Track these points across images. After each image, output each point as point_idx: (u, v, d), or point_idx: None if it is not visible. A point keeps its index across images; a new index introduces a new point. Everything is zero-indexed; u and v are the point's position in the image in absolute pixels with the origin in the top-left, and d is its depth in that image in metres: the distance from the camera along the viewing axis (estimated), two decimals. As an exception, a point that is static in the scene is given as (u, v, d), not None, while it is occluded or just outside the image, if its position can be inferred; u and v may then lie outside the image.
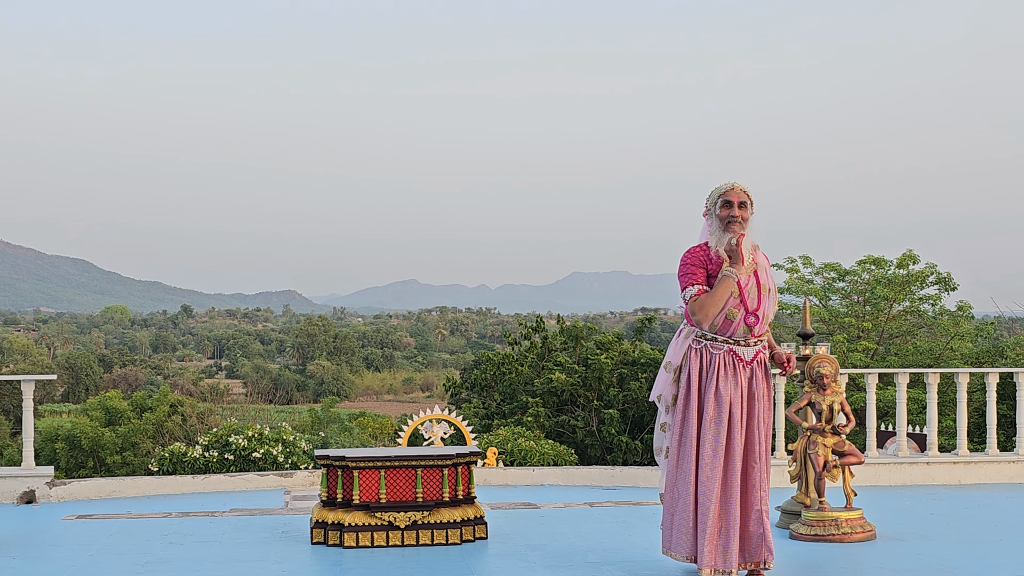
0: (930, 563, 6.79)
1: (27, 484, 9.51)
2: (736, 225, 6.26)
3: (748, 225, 6.34)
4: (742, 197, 6.31)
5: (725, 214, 6.28)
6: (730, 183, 6.34)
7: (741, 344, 6.25)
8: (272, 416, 39.15)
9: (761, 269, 6.32)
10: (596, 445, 28.10)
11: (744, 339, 6.25)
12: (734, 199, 6.29)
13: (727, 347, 6.25)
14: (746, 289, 6.22)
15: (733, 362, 6.25)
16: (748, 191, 6.36)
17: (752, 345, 6.28)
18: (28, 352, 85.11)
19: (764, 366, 6.36)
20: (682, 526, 6.24)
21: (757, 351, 6.31)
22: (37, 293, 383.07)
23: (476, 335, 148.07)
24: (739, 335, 6.24)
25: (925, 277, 26.44)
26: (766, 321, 6.31)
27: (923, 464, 10.64)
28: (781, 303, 27.58)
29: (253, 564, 6.72)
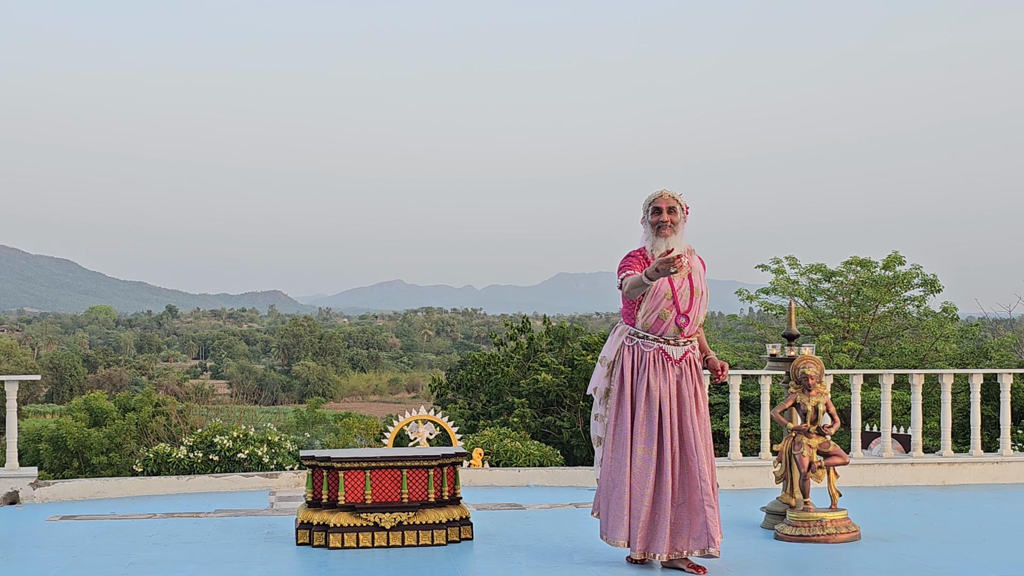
0: (914, 563, 6.81)
1: (11, 485, 9.47)
2: (666, 230, 6.59)
3: (679, 228, 6.64)
4: (670, 203, 6.62)
5: (655, 220, 6.62)
6: (659, 190, 6.67)
7: (671, 343, 6.59)
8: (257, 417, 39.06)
9: (695, 272, 6.63)
10: (582, 446, 28.12)
11: (674, 339, 6.59)
12: (663, 205, 6.62)
13: (657, 345, 6.59)
14: (679, 291, 6.56)
15: (662, 360, 6.59)
16: (678, 196, 6.66)
17: (681, 345, 6.62)
18: (12, 352, 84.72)
19: (694, 365, 6.68)
20: (617, 513, 6.52)
21: (686, 351, 6.64)
22: (21, 293, 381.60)
23: (462, 336, 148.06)
24: (669, 334, 6.58)
25: (911, 279, 26.51)
26: (696, 323, 6.65)
27: (908, 465, 10.67)
28: (768, 304, 27.64)
29: (238, 565, 6.71)
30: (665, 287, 6.52)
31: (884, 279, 26.42)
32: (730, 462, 10.41)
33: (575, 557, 6.93)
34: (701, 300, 6.64)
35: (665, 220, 6.58)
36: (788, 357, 8.23)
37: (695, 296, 6.59)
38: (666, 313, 6.53)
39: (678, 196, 6.65)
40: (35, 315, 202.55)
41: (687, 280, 6.57)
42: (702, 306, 6.67)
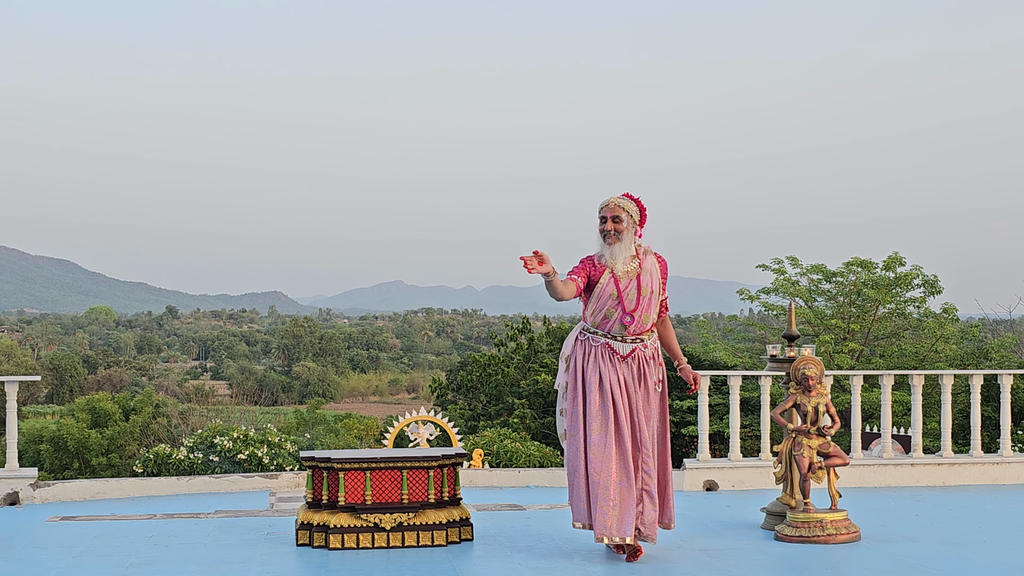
0: (915, 564, 6.80)
1: (10, 485, 9.47)
2: (610, 238, 6.92)
3: (624, 236, 6.92)
4: (615, 212, 6.93)
5: (601, 228, 6.96)
6: (608, 199, 6.99)
7: (617, 340, 6.92)
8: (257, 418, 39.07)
9: (646, 273, 6.96)
10: (582, 447, 28.09)
11: (620, 336, 6.92)
12: (607, 214, 6.94)
13: (604, 341, 6.94)
14: (625, 292, 6.89)
15: (609, 354, 6.91)
16: (624, 205, 6.95)
17: (629, 342, 6.92)
18: (12, 353, 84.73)
19: (645, 363, 6.97)
20: (578, 498, 6.88)
21: (634, 348, 6.93)
22: (21, 294, 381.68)
23: (462, 336, 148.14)
24: (615, 332, 6.92)
25: (911, 279, 26.51)
26: (645, 322, 6.94)
27: (908, 466, 10.67)
28: (768, 304, 27.62)
29: (238, 566, 6.71)
30: (611, 288, 6.88)
31: (884, 280, 26.42)
32: (730, 463, 10.41)
33: (575, 558, 6.93)
34: (649, 300, 6.94)
35: (608, 229, 6.93)
36: (788, 358, 8.23)
37: (642, 295, 6.90)
38: (611, 312, 6.90)
39: (626, 204, 6.95)
40: (35, 316, 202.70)
41: (635, 281, 6.90)
42: (651, 305, 6.96)
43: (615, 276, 6.90)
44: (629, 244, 6.95)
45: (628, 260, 6.93)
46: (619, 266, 6.90)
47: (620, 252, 6.91)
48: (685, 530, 7.99)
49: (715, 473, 10.34)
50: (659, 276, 7.03)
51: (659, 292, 7.02)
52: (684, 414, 27.82)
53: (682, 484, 10.27)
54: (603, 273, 6.92)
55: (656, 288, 6.98)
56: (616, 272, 6.90)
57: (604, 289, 6.89)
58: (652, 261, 7.03)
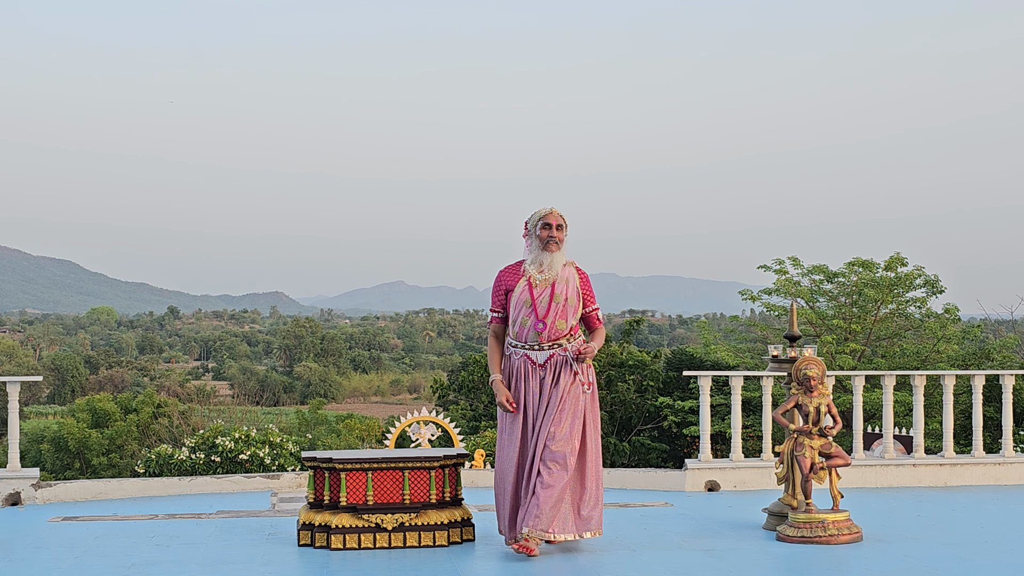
0: (916, 565, 6.80)
1: (12, 486, 9.47)
2: (553, 245, 7.05)
3: (564, 244, 7.12)
4: (559, 220, 7.11)
5: (545, 235, 7.07)
6: (548, 208, 7.11)
7: (534, 349, 7.02)
8: (259, 418, 39.12)
9: (561, 281, 7.04)
10: (583, 447, 28.06)
11: (536, 344, 7.01)
12: (553, 222, 7.09)
13: (523, 352, 7.06)
14: (538, 300, 7.01)
15: (528, 366, 7.02)
16: (564, 216, 7.15)
17: (544, 349, 7.00)
18: (13, 353, 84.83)
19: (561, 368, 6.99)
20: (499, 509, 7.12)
21: (551, 355, 6.99)
22: (23, 294, 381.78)
23: (464, 337, 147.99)
24: (531, 340, 7.02)
25: (912, 280, 26.50)
26: (560, 328, 7.00)
27: (909, 466, 10.66)
28: (770, 304, 27.60)
29: (239, 566, 6.71)
30: (525, 296, 7.02)
31: (886, 280, 26.40)
32: (732, 463, 10.41)
33: (578, 558, 6.93)
34: (563, 308, 7.00)
35: (555, 236, 7.06)
36: (790, 358, 8.23)
37: (553, 303, 6.99)
38: (526, 320, 7.01)
39: (565, 216, 7.14)
40: (37, 316, 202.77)
41: (549, 288, 7.01)
42: (565, 313, 7.02)
43: (530, 283, 7.04)
44: (564, 255, 7.11)
45: (547, 269, 7.04)
46: (536, 274, 7.03)
47: (559, 260, 7.06)
48: (687, 530, 7.99)
49: (717, 473, 10.34)
50: (576, 285, 7.11)
51: (577, 301, 7.08)
52: (686, 414, 27.81)
53: (684, 484, 10.28)
54: (519, 281, 7.08)
55: (572, 296, 7.06)
56: (532, 279, 7.03)
57: (519, 297, 7.04)
58: (571, 271, 7.13)
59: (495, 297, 7.19)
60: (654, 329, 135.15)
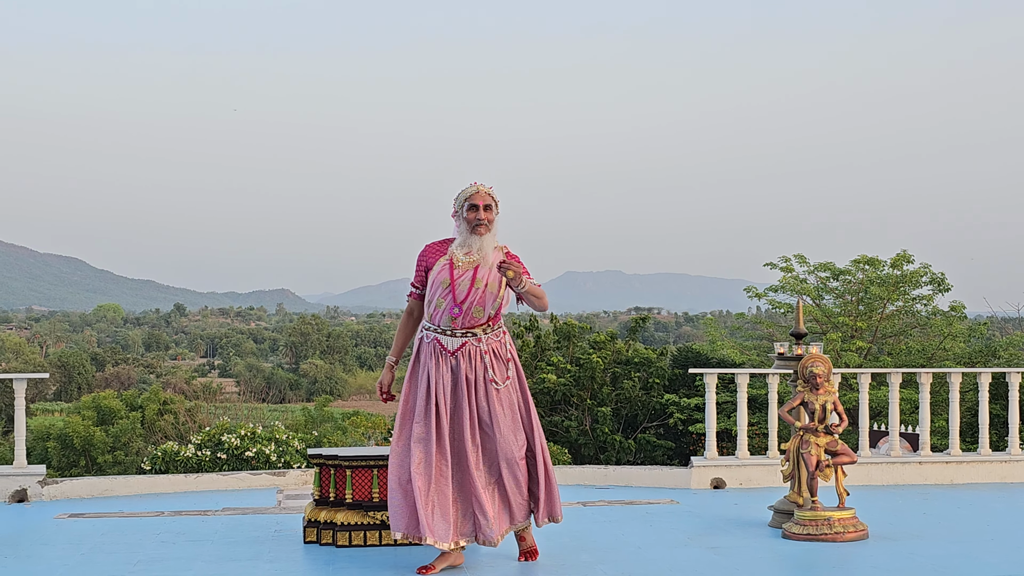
0: (922, 563, 6.80)
1: (19, 483, 9.49)
2: (482, 228, 6.48)
3: (494, 225, 6.55)
4: (487, 200, 6.51)
5: (472, 217, 6.48)
6: (475, 186, 6.52)
7: (446, 334, 6.49)
8: (265, 415, 39.12)
9: (485, 265, 6.47)
10: (589, 444, 28.09)
11: (449, 329, 6.49)
12: (480, 202, 6.48)
13: (434, 336, 6.52)
14: (457, 281, 6.45)
15: (438, 351, 6.50)
16: (492, 192, 6.56)
17: (457, 336, 6.49)
18: (20, 350, 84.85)
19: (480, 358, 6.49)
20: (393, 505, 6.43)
21: (464, 343, 6.48)
22: (29, 291, 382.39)
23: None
24: (444, 324, 6.48)
25: (919, 277, 26.47)
26: (476, 316, 6.48)
27: (915, 464, 10.65)
28: (776, 302, 27.59)
29: (245, 563, 6.71)
30: (444, 276, 6.47)
31: (892, 278, 26.38)
32: (737, 461, 10.40)
33: (582, 555, 6.93)
34: (482, 295, 6.46)
35: (482, 218, 6.48)
36: (796, 356, 8.22)
37: (474, 288, 6.44)
38: (441, 302, 6.48)
39: (492, 191, 6.57)
40: (43, 313, 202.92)
41: (472, 271, 6.45)
42: (484, 300, 6.47)
43: (452, 263, 6.49)
44: (494, 237, 6.55)
45: (475, 252, 6.48)
46: (461, 255, 6.47)
47: (489, 244, 6.50)
48: (692, 528, 7.99)
49: (722, 471, 10.33)
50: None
51: (498, 289, 6.50)
52: (691, 412, 27.80)
53: (689, 482, 10.27)
54: (440, 260, 6.53)
55: (493, 283, 6.47)
56: (455, 259, 6.49)
57: (438, 276, 6.48)
58: (500, 257, 6.53)
59: (416, 272, 6.61)
60: (660, 326, 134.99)
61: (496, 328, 6.61)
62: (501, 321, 6.69)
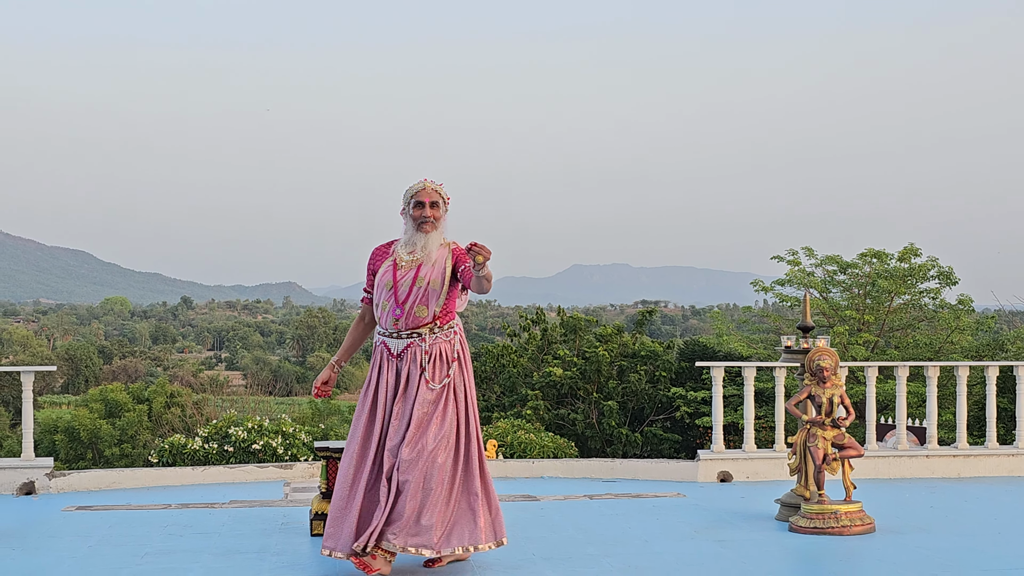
0: (929, 556, 6.79)
1: (26, 475, 9.51)
2: (428, 225, 6.27)
3: (440, 224, 6.32)
4: (433, 197, 6.29)
5: (417, 214, 6.29)
6: (421, 183, 6.32)
7: (392, 337, 6.28)
8: (272, 408, 39.14)
9: (428, 263, 6.25)
10: (596, 437, 28.11)
11: (394, 332, 6.27)
12: (425, 199, 6.28)
13: (382, 339, 6.34)
14: (400, 282, 6.26)
15: (385, 355, 6.30)
16: (440, 188, 6.34)
17: (403, 338, 6.25)
18: (28, 343, 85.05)
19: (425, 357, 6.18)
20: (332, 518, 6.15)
21: (409, 344, 6.23)
22: (37, 284, 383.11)
23: (476, 327, 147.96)
24: (388, 327, 6.28)
25: (926, 271, 26.44)
26: (419, 315, 6.21)
27: (923, 457, 10.64)
28: (783, 295, 27.56)
29: (252, 556, 6.72)
30: (388, 278, 6.29)
31: (899, 271, 26.36)
32: (745, 454, 10.40)
33: (588, 549, 6.93)
34: (424, 293, 6.22)
35: (428, 216, 6.26)
36: (803, 349, 8.21)
37: (416, 287, 6.21)
38: (386, 304, 6.28)
39: (440, 188, 6.35)
40: (51, 306, 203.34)
41: (414, 271, 6.24)
42: (427, 299, 6.22)
43: (395, 265, 6.29)
44: (441, 235, 6.33)
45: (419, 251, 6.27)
46: (405, 255, 6.27)
47: (435, 241, 6.28)
48: (699, 521, 7.99)
49: (729, 464, 10.33)
50: (445, 266, 6.27)
51: (441, 286, 6.23)
52: (698, 405, 27.80)
53: (696, 475, 10.27)
54: (385, 262, 6.35)
55: (436, 279, 6.22)
56: (398, 260, 6.29)
57: (381, 279, 6.31)
58: (445, 253, 6.30)
59: (367, 276, 6.45)
60: (667, 320, 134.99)
61: (446, 328, 6.31)
62: (454, 320, 6.38)
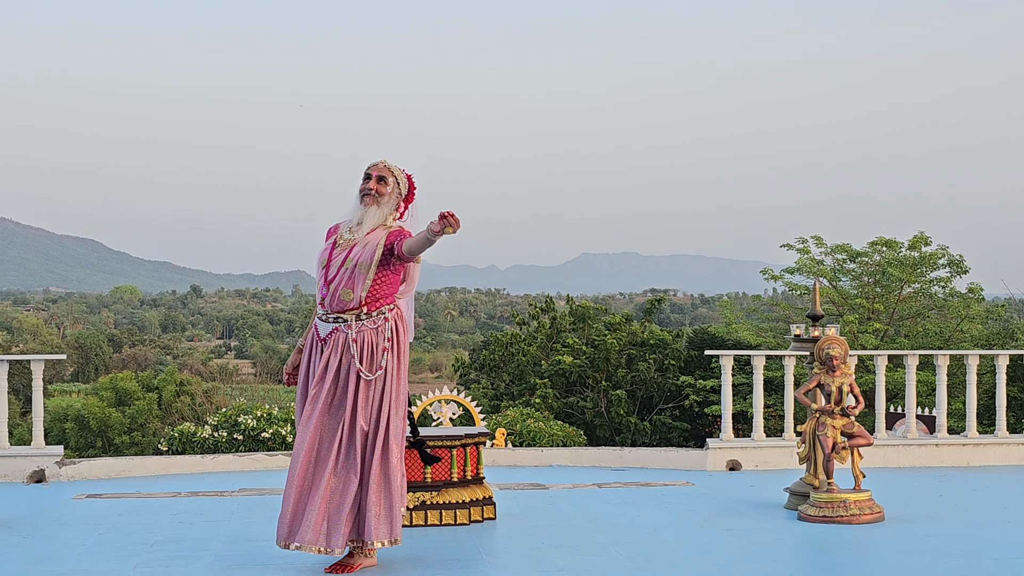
0: (938, 545, 6.78)
1: (37, 463, 9.54)
2: (369, 199, 6.09)
3: (384, 201, 6.12)
4: (383, 172, 6.15)
5: (363, 186, 6.14)
6: (377, 159, 6.20)
7: (321, 319, 6.09)
8: (281, 396, 39.19)
9: (362, 244, 6.02)
10: (605, 426, 28.13)
11: (322, 314, 6.08)
12: (373, 172, 6.14)
13: (315, 321, 6.17)
14: (332, 260, 6.05)
15: (314, 338, 6.13)
16: (395, 169, 6.20)
17: (329, 322, 6.05)
18: (38, 332, 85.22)
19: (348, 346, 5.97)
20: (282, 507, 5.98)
21: (334, 329, 6.02)
22: (47, 273, 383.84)
23: (485, 316, 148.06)
24: (318, 308, 6.11)
25: (937, 259, 26.38)
26: (344, 298, 5.99)
27: (932, 446, 10.62)
28: (792, 284, 27.51)
29: (262, 544, 6.73)
30: (325, 255, 6.10)
31: (910, 259, 26.30)
32: (754, 443, 10.39)
33: (597, 537, 6.94)
34: (350, 275, 5.97)
35: (371, 188, 6.09)
36: (812, 338, 8.20)
37: (344, 268, 5.98)
38: (318, 283, 6.10)
39: (396, 169, 6.19)
40: (61, 295, 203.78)
41: (347, 250, 6.01)
42: (353, 281, 5.96)
43: (334, 243, 6.09)
44: (384, 215, 6.11)
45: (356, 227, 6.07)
46: (346, 232, 6.07)
47: (371, 217, 6.07)
48: (708, 510, 7.99)
49: (738, 453, 10.32)
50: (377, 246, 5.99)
51: (369, 267, 5.95)
52: (707, 394, 27.80)
53: (705, 464, 10.27)
54: (329, 239, 6.16)
55: (365, 261, 5.95)
56: (339, 239, 6.09)
57: (320, 256, 6.12)
58: (380, 235, 6.03)
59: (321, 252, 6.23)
60: (676, 308, 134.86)
61: (375, 315, 6.03)
62: (388, 307, 6.09)
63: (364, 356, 5.97)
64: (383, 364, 5.99)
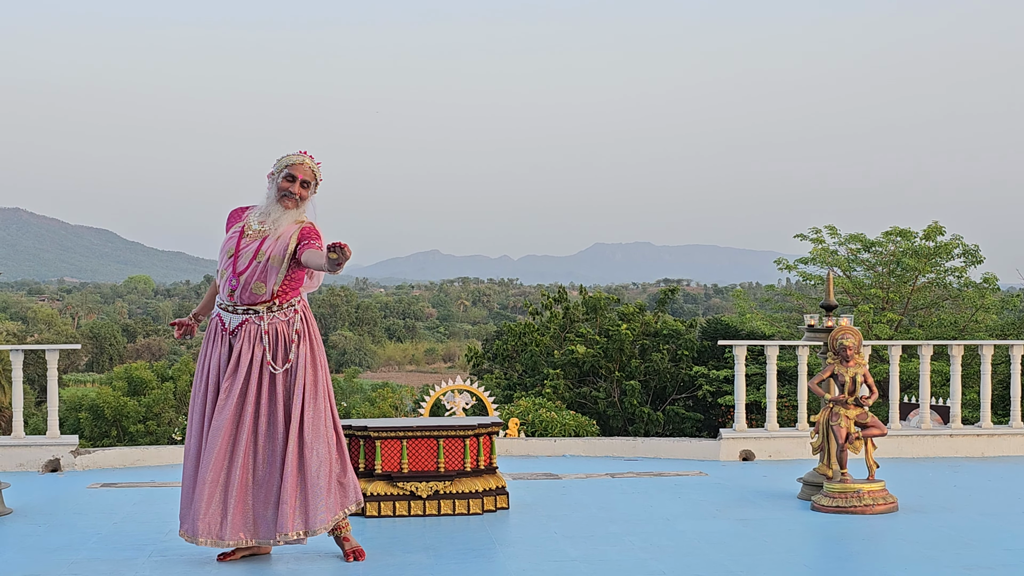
0: (952, 535, 6.77)
1: (52, 453, 9.57)
2: (288, 201, 5.96)
3: (304, 204, 6.01)
4: (308, 176, 5.99)
5: (284, 187, 5.96)
6: (301, 156, 6.00)
7: (228, 310, 5.98)
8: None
9: (274, 237, 5.91)
10: (618, 416, 28.13)
11: (229, 304, 5.97)
12: (299, 175, 5.96)
13: (218, 310, 6.04)
14: (242, 252, 5.92)
15: (218, 328, 6.01)
16: (317, 170, 6.05)
17: (238, 313, 5.95)
18: (52, 322, 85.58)
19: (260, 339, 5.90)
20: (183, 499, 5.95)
21: (243, 320, 5.93)
22: (61, 263, 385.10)
23: (498, 306, 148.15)
24: (225, 298, 5.99)
25: (951, 249, 26.30)
26: (256, 292, 5.89)
27: (946, 436, 10.60)
28: (806, 274, 27.46)
29: (276, 533, 6.74)
30: (232, 244, 5.97)
31: (924, 249, 26.22)
32: (767, 433, 10.38)
33: (611, 527, 6.94)
34: (263, 268, 5.87)
35: (294, 192, 5.95)
36: (826, 328, 8.18)
37: (256, 260, 5.87)
38: (224, 273, 5.97)
39: (317, 168, 6.04)
40: (75, 285, 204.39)
41: (258, 242, 5.91)
42: (265, 275, 5.88)
43: (241, 232, 5.97)
44: (300, 213, 6.01)
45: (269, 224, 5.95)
46: (255, 223, 5.95)
47: (287, 220, 5.94)
48: (721, 500, 7.98)
49: (752, 443, 10.31)
50: (288, 242, 5.91)
51: (281, 263, 5.88)
52: (720, 384, 27.77)
53: (718, 454, 10.26)
54: (235, 225, 6.04)
55: (277, 256, 5.87)
56: (246, 228, 5.97)
57: (225, 244, 5.99)
58: (293, 230, 5.94)
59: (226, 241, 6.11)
60: (689, 298, 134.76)
61: (285, 307, 5.99)
62: (296, 299, 6.04)
63: (275, 348, 5.94)
64: (291, 357, 5.94)
